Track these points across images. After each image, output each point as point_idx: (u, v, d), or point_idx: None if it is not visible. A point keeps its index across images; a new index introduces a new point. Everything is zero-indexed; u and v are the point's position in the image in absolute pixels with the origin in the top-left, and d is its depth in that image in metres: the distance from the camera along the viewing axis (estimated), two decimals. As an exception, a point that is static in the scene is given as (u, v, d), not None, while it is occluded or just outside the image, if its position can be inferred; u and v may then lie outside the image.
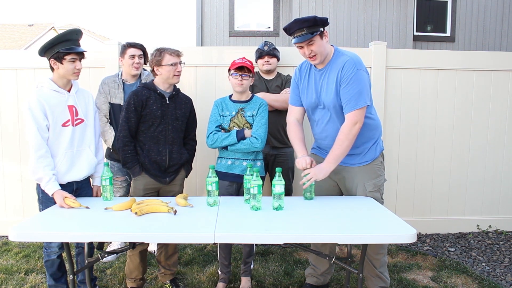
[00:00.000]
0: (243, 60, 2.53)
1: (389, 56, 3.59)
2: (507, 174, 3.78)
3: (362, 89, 2.14)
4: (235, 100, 2.60)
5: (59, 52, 2.15)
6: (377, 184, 2.33)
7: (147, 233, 1.74)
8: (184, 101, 2.54)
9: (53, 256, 2.34)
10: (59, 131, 2.22)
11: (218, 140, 2.50)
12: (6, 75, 3.62)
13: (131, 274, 2.57)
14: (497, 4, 7.77)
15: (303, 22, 2.11)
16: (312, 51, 2.16)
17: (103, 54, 3.53)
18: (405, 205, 3.76)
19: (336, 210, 2.07)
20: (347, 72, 2.13)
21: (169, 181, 2.51)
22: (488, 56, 3.70)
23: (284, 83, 3.20)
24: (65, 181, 2.25)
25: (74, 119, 2.27)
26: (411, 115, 3.67)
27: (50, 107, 2.17)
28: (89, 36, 20.23)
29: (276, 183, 2.01)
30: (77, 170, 2.30)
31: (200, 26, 7.86)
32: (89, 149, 2.36)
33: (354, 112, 2.15)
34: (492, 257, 3.24)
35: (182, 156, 2.52)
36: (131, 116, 2.40)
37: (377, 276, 2.40)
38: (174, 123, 2.47)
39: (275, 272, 2.90)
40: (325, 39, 2.19)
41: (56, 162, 2.21)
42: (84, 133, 2.33)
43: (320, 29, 2.14)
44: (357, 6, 7.19)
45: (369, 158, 2.32)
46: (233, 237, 1.75)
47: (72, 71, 2.20)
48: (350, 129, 2.16)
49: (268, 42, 3.24)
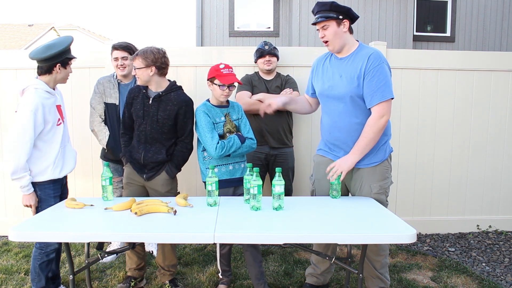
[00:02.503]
0: (229, 70, 2.43)
1: (389, 56, 3.59)
2: (507, 174, 3.78)
3: (388, 81, 2.14)
4: (218, 105, 2.52)
5: (67, 58, 2.34)
6: (383, 187, 2.31)
7: (147, 233, 1.74)
8: (171, 103, 2.45)
9: (51, 255, 2.37)
10: (55, 130, 2.35)
11: (226, 148, 2.40)
12: (6, 75, 3.62)
13: (129, 264, 2.68)
14: (497, 4, 7.78)
15: (321, 6, 2.16)
16: (325, 35, 2.20)
17: (103, 54, 3.53)
18: (405, 205, 3.75)
19: (336, 210, 2.07)
20: (373, 64, 2.13)
21: (147, 178, 2.52)
22: (488, 56, 3.70)
23: (284, 83, 3.19)
24: (62, 176, 2.42)
25: (62, 117, 2.44)
26: (411, 115, 3.67)
27: (49, 109, 2.29)
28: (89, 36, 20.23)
29: (276, 183, 2.01)
30: (69, 164, 2.47)
31: (200, 26, 7.86)
32: (69, 143, 2.54)
33: (381, 105, 2.13)
34: (492, 257, 3.24)
35: (159, 156, 2.48)
36: (125, 111, 2.57)
37: (377, 277, 2.40)
38: (154, 124, 2.44)
39: (275, 272, 2.90)
40: (343, 28, 2.19)
41: (53, 159, 2.35)
42: (67, 129, 2.52)
43: (338, 16, 2.15)
44: (357, 6, 7.19)
45: (378, 159, 2.30)
46: (233, 237, 1.75)
47: (69, 75, 2.42)
48: (376, 122, 2.14)
49: (268, 42, 3.23)
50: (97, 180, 3.43)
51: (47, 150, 2.32)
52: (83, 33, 20.10)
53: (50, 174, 2.33)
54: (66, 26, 19.97)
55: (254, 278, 2.46)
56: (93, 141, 3.51)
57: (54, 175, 2.35)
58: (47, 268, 2.39)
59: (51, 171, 2.33)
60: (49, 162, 2.32)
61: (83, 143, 3.58)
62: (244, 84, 3.09)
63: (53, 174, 2.34)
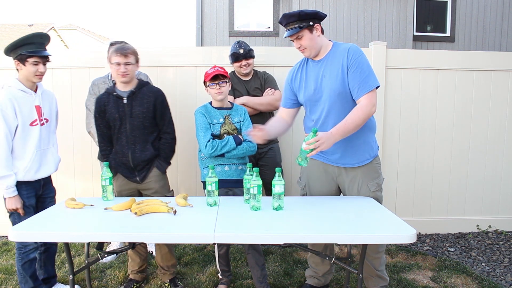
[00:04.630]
0: (215, 68, 2.49)
1: (389, 56, 3.59)
2: (507, 174, 3.79)
3: (371, 70, 2.15)
4: (218, 107, 2.55)
5: (22, 54, 2.23)
6: (379, 183, 2.33)
7: (147, 233, 1.74)
8: (146, 96, 2.46)
9: (31, 255, 2.34)
10: (28, 130, 2.29)
11: (218, 147, 2.43)
12: (6, 75, 3.61)
13: (131, 267, 2.68)
14: (497, 4, 7.78)
15: (289, 17, 2.14)
16: (301, 45, 2.18)
17: (103, 54, 3.52)
18: (405, 205, 3.76)
19: (336, 210, 2.06)
20: (354, 56, 2.12)
21: (140, 180, 2.50)
22: (488, 56, 3.70)
23: (263, 83, 3.13)
24: (36, 178, 2.35)
25: (40, 119, 2.35)
26: (411, 115, 3.67)
27: (19, 106, 2.24)
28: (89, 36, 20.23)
29: (276, 183, 2.01)
30: (46, 167, 2.41)
31: (200, 26, 7.87)
32: (53, 148, 2.49)
33: (370, 94, 2.12)
34: (492, 257, 3.24)
35: (147, 153, 2.47)
36: (99, 123, 2.50)
37: (377, 276, 2.40)
38: (132, 122, 2.43)
39: (275, 272, 2.90)
40: (316, 33, 2.18)
41: (26, 160, 2.29)
42: (49, 132, 2.45)
43: (309, 23, 2.14)
44: (357, 6, 7.19)
45: (370, 156, 2.30)
46: (233, 237, 1.75)
47: (34, 73, 2.28)
48: (369, 108, 2.10)
49: (242, 43, 3.08)
50: (97, 180, 3.43)
51: (19, 150, 2.26)
52: (83, 33, 20.10)
53: (22, 175, 2.27)
54: (66, 26, 19.96)
55: (257, 281, 2.48)
56: (92, 142, 3.51)
57: (27, 177, 2.29)
58: (30, 268, 2.36)
59: (23, 172, 2.27)
60: (22, 163, 2.27)
61: (83, 143, 3.58)
62: None
63: (26, 176, 2.28)
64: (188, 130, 3.39)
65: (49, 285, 2.54)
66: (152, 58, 3.50)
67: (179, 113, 3.40)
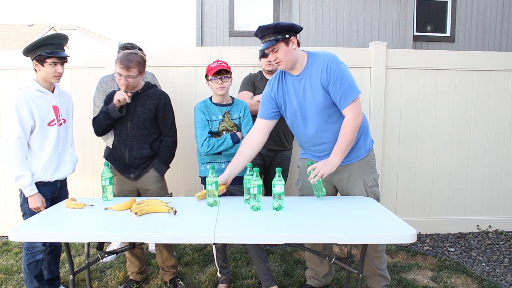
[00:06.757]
0: (218, 63, 2.46)
1: (389, 56, 3.59)
2: (507, 174, 3.78)
3: (351, 80, 2.16)
4: (218, 103, 2.53)
5: (40, 55, 2.22)
6: (375, 178, 2.34)
7: (147, 233, 1.74)
8: (150, 98, 2.49)
9: (38, 256, 2.34)
10: (46, 130, 2.29)
11: (214, 146, 2.43)
12: (6, 75, 3.62)
13: (130, 269, 2.68)
14: (497, 4, 7.78)
15: (265, 30, 2.12)
16: (276, 57, 2.16)
17: (103, 54, 3.53)
18: (405, 205, 3.76)
19: (336, 210, 2.07)
20: (332, 69, 2.12)
21: (134, 177, 2.51)
22: (488, 56, 3.70)
23: None
24: (53, 179, 2.36)
25: (58, 119, 2.36)
26: (411, 115, 3.67)
27: (37, 107, 2.24)
28: (89, 36, 20.24)
29: (276, 183, 2.01)
30: (63, 168, 2.41)
31: (200, 26, 7.86)
32: (71, 148, 2.48)
33: (353, 104, 2.14)
34: (492, 257, 3.24)
35: (143, 152, 2.49)
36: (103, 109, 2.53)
37: (379, 275, 2.40)
38: (133, 121, 2.46)
39: (275, 272, 2.90)
40: (292, 46, 2.16)
41: (44, 160, 2.29)
42: (67, 133, 2.45)
43: (285, 35, 2.12)
44: (357, 6, 7.19)
45: (364, 151, 2.32)
46: (233, 237, 1.75)
47: (53, 74, 2.28)
48: (353, 121, 2.14)
49: None
50: (97, 180, 3.43)
51: (37, 150, 2.28)
52: (83, 33, 20.12)
53: (39, 176, 2.28)
54: (66, 26, 19.98)
55: (262, 273, 2.48)
56: (93, 141, 3.51)
57: (44, 178, 2.30)
58: (36, 269, 2.36)
59: (41, 172, 2.28)
60: (40, 163, 2.28)
61: (83, 143, 3.58)
62: (246, 84, 3.08)
63: (43, 176, 2.29)
64: (188, 130, 3.39)
65: (53, 287, 2.54)
66: (152, 58, 3.49)
67: (179, 113, 3.39)
